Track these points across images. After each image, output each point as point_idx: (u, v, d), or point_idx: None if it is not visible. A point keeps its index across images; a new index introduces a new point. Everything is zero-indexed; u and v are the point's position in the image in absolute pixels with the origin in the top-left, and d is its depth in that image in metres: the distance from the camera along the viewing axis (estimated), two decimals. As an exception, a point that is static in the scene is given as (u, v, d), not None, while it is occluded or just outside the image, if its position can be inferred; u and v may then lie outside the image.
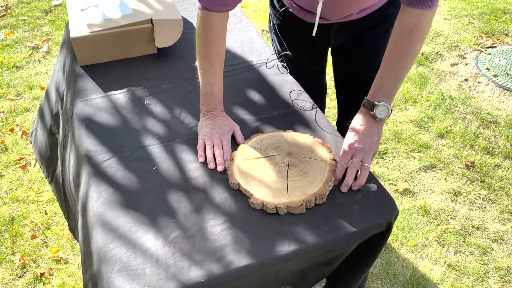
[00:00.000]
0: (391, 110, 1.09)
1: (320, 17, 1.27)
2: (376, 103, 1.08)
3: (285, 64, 1.44)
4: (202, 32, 1.15)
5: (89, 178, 1.09)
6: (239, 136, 1.18)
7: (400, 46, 1.07)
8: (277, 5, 1.42)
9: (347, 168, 1.06)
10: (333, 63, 1.56)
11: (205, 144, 1.16)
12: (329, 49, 1.55)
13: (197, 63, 1.20)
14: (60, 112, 1.55)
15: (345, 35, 1.38)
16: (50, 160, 1.66)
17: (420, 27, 1.03)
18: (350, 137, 1.09)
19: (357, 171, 1.06)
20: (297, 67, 1.45)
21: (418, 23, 1.03)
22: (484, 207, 2.01)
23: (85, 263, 1.03)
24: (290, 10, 1.36)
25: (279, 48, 1.52)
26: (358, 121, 1.11)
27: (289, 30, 1.45)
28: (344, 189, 1.05)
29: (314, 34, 1.28)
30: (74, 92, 1.37)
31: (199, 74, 1.20)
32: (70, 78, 1.47)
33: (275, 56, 1.49)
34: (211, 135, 1.16)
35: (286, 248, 0.93)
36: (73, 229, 1.59)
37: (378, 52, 1.40)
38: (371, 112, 1.09)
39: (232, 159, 1.11)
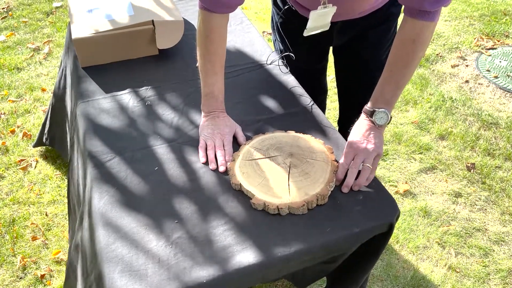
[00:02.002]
0: (391, 117, 1.11)
1: None
2: (375, 109, 1.09)
3: (285, 62, 1.44)
4: (203, 33, 1.15)
5: (91, 179, 1.09)
6: (241, 137, 1.18)
7: (402, 55, 1.08)
8: (280, 4, 1.43)
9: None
10: (334, 62, 1.57)
11: (206, 145, 1.16)
12: (331, 48, 1.55)
13: (198, 64, 1.20)
14: (69, 113, 1.56)
15: (347, 33, 1.39)
16: None
17: (422, 38, 1.05)
18: (352, 138, 1.10)
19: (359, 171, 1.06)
20: (298, 65, 1.46)
21: (420, 34, 1.04)
22: (485, 209, 2.01)
23: (90, 265, 1.03)
24: (294, 8, 1.36)
25: (282, 47, 1.52)
26: (359, 125, 1.13)
27: (291, 28, 1.46)
28: (345, 189, 1.05)
29: (304, 34, 1.27)
30: (76, 93, 1.38)
31: (200, 75, 1.21)
32: (72, 79, 1.48)
33: (275, 54, 1.49)
34: (212, 135, 1.16)
35: (287, 249, 0.93)
36: (69, 231, 1.60)
37: (380, 51, 1.40)
38: (370, 118, 1.10)
39: (234, 160, 1.11)
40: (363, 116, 1.13)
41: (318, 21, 1.22)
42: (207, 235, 0.96)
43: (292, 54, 1.42)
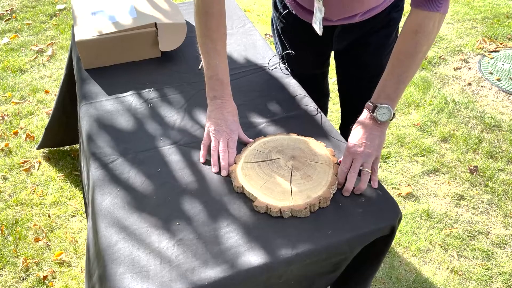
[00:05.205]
0: (394, 113, 1.08)
1: (323, 18, 1.27)
2: (378, 105, 1.07)
3: (286, 66, 1.44)
4: (202, 10, 1.11)
5: (94, 180, 1.10)
6: (244, 137, 1.17)
7: (405, 48, 1.06)
8: (280, 8, 1.43)
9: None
10: (336, 67, 1.56)
11: (210, 142, 1.14)
12: (332, 52, 1.55)
13: (198, 46, 1.16)
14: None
15: (348, 38, 1.39)
16: None
17: (426, 29, 1.03)
18: (351, 141, 1.08)
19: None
20: (300, 71, 1.46)
21: (423, 25, 1.03)
22: (488, 212, 2.00)
23: (93, 265, 1.04)
24: (294, 12, 1.36)
25: (282, 51, 1.52)
26: (359, 124, 1.11)
27: (292, 33, 1.46)
28: (345, 193, 1.04)
29: (320, 33, 1.26)
30: (79, 95, 1.39)
31: (202, 57, 1.16)
32: (76, 81, 1.48)
33: (277, 58, 1.49)
34: (218, 133, 1.13)
35: (289, 251, 0.93)
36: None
37: (381, 56, 1.40)
38: (372, 114, 1.08)
39: (236, 162, 1.11)
40: (365, 112, 1.10)
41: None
42: (209, 237, 0.96)
43: (292, 52, 1.41)
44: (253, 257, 0.92)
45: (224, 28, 1.15)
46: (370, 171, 1.05)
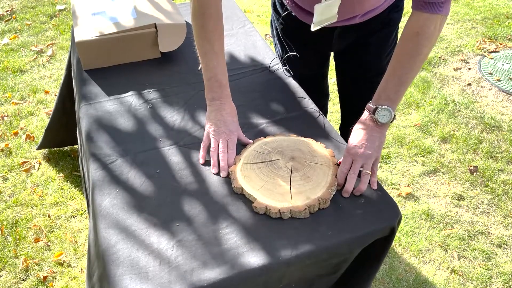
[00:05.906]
0: (394, 115, 1.08)
1: None
2: (378, 106, 1.07)
3: (288, 68, 1.44)
4: (199, 11, 1.11)
5: (93, 180, 1.10)
6: (243, 138, 1.17)
7: (406, 49, 1.06)
8: (280, 9, 1.43)
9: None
10: (336, 67, 1.56)
11: (209, 143, 1.14)
12: (332, 53, 1.55)
13: (196, 47, 1.16)
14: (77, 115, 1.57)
15: (347, 39, 1.39)
16: None
17: (427, 31, 1.03)
18: (351, 142, 1.08)
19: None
20: (299, 71, 1.46)
21: (424, 27, 1.03)
22: (488, 212, 2.00)
23: (93, 266, 1.04)
24: (293, 14, 1.36)
25: (282, 53, 1.53)
26: (360, 125, 1.11)
27: (291, 34, 1.46)
28: (345, 194, 1.04)
29: (312, 29, 1.26)
30: (79, 96, 1.39)
31: (200, 59, 1.16)
32: (76, 81, 1.49)
33: (278, 60, 1.49)
34: (217, 134, 1.13)
35: (289, 252, 0.93)
36: None
37: (380, 57, 1.40)
38: (373, 115, 1.08)
39: (235, 163, 1.11)
40: (365, 114, 1.10)
41: (324, 14, 1.19)
42: (209, 238, 0.96)
43: (296, 54, 1.41)
44: (252, 258, 0.92)
45: (222, 29, 1.15)
46: (370, 172, 1.05)
